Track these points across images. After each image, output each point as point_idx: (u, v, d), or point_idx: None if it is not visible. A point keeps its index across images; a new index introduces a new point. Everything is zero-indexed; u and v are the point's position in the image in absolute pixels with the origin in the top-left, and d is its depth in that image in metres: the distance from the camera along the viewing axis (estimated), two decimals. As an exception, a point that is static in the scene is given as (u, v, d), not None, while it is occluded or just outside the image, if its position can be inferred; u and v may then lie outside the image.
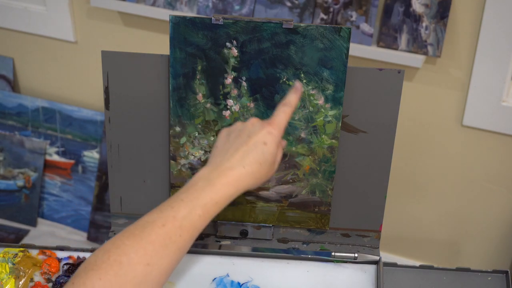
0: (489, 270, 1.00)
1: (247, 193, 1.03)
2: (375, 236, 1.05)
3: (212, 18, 0.93)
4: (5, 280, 1.00)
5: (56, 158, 1.96)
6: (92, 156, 1.92)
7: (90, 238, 1.95)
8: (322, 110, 0.96)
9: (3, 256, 1.02)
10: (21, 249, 1.03)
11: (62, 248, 1.04)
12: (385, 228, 1.59)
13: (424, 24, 1.44)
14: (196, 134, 1.00)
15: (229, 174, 0.81)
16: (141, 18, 1.74)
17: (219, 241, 1.07)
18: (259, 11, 1.55)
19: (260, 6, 1.54)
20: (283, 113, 0.88)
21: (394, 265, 1.01)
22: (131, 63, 0.98)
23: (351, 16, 1.48)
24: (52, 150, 1.96)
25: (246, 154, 0.83)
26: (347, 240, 1.05)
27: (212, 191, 0.80)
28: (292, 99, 0.90)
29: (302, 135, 0.98)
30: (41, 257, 1.03)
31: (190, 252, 1.03)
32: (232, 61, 0.95)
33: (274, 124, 0.87)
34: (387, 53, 1.47)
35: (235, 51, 0.94)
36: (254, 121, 0.88)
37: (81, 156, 1.93)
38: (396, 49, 1.47)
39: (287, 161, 1.00)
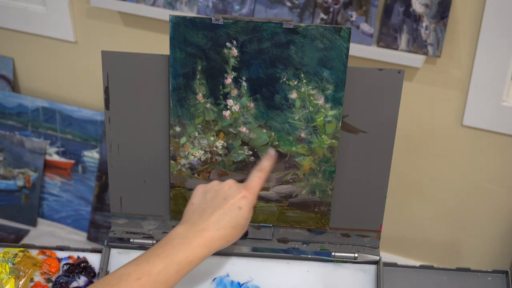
0: (489, 270, 1.00)
1: (247, 193, 1.03)
2: (375, 236, 1.05)
3: (212, 18, 0.93)
4: (5, 280, 1.00)
5: (56, 158, 1.96)
6: (92, 156, 1.92)
7: (90, 238, 1.95)
8: (322, 110, 0.96)
9: (3, 256, 1.02)
10: (21, 249, 1.03)
11: (62, 248, 1.04)
12: (385, 228, 1.59)
13: (424, 24, 1.44)
14: (196, 134, 1.00)
15: (204, 236, 0.86)
16: (141, 18, 1.74)
17: (219, 241, 1.07)
18: (259, 11, 1.55)
19: (260, 6, 1.54)
20: (258, 178, 0.94)
21: (394, 265, 1.01)
22: (131, 63, 0.98)
23: (351, 16, 1.48)
24: (52, 150, 1.96)
25: (221, 218, 0.88)
26: (347, 240, 1.05)
27: (188, 250, 0.85)
28: (265, 165, 0.96)
29: (302, 135, 0.98)
30: (41, 257, 1.03)
31: (190, 252, 1.03)
32: (232, 61, 0.95)
33: (250, 188, 0.92)
34: (387, 53, 1.47)
35: (235, 51, 0.94)
36: (231, 183, 0.92)
37: (81, 156, 1.93)
38: (396, 49, 1.47)
39: (287, 161, 1.00)
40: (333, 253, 1.04)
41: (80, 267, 1.02)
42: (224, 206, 0.89)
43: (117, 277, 0.82)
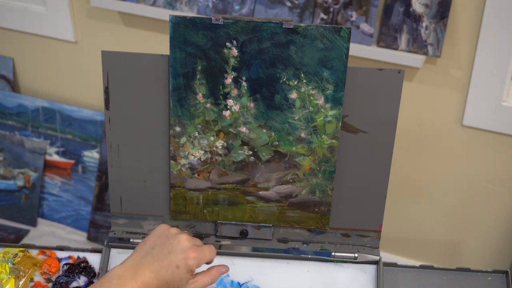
0: (489, 270, 1.00)
1: (247, 193, 1.03)
2: (375, 236, 1.05)
3: (212, 18, 0.93)
4: (5, 280, 1.00)
5: (56, 158, 1.96)
6: (92, 156, 1.92)
7: (90, 238, 1.95)
8: (322, 110, 0.96)
9: (3, 256, 1.02)
10: (21, 249, 1.03)
11: (62, 248, 1.04)
12: (385, 228, 1.59)
13: (424, 24, 1.44)
14: (196, 134, 1.00)
15: (139, 281, 0.87)
16: (141, 18, 1.74)
17: (219, 241, 1.07)
18: (259, 11, 1.55)
19: (260, 6, 1.54)
20: (210, 252, 0.92)
21: (394, 265, 1.01)
22: (131, 63, 0.98)
23: (351, 16, 1.48)
24: (52, 150, 1.96)
25: (158, 270, 0.89)
26: (347, 240, 1.05)
27: None
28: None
29: (302, 135, 0.98)
30: (41, 257, 1.03)
31: (190, 252, 1.03)
32: (232, 61, 0.95)
33: (199, 253, 0.90)
34: (387, 53, 1.47)
35: (235, 51, 0.94)
36: (183, 238, 0.91)
37: (81, 156, 1.93)
38: (396, 49, 1.47)
39: (287, 161, 1.00)
40: (333, 253, 1.04)
41: (80, 267, 1.02)
42: (165, 260, 0.89)
43: None
